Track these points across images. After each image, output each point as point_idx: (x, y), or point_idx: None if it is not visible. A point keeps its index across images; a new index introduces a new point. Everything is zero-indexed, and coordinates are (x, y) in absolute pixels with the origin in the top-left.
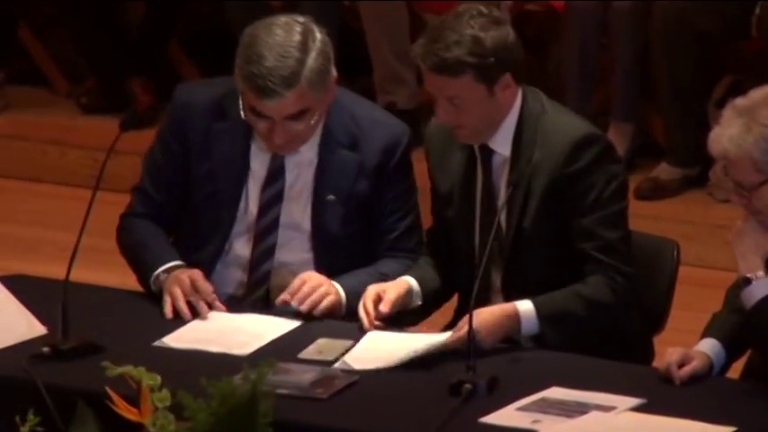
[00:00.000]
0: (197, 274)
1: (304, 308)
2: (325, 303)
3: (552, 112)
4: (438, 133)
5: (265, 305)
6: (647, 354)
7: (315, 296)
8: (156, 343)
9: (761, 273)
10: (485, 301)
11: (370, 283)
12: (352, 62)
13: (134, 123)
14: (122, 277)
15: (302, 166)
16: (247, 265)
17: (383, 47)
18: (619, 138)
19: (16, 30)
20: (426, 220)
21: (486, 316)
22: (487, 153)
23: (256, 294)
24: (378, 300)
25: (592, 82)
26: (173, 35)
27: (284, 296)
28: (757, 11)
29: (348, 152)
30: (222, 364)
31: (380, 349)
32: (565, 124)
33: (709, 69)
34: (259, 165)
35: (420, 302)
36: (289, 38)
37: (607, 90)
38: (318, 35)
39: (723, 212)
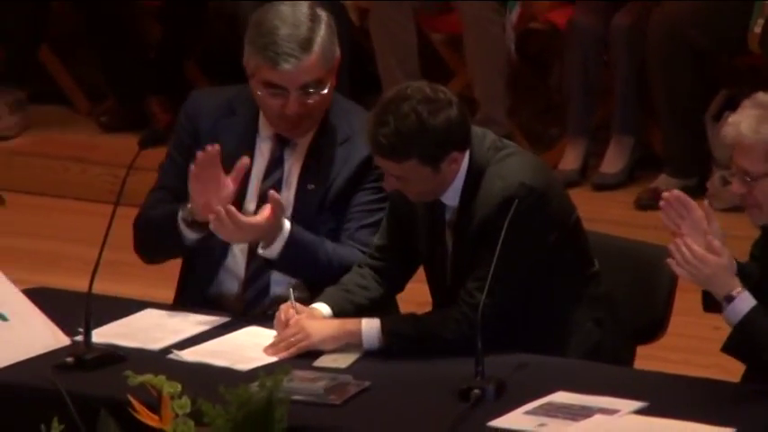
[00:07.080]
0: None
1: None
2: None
3: (494, 163)
4: None
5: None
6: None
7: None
8: (171, 356)
9: (740, 289)
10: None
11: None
12: (363, 81)
13: (152, 141)
14: (143, 289)
15: (298, 161)
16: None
17: (393, 66)
18: (620, 150)
19: (38, 51)
20: None
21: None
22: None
23: (257, 284)
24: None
25: (593, 97)
26: (189, 55)
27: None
28: (757, 29)
29: (339, 149)
30: (230, 376)
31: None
32: (500, 179)
33: (705, 84)
34: (261, 160)
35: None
36: (298, 11)
37: (608, 105)
38: (323, 13)
39: (721, 222)
